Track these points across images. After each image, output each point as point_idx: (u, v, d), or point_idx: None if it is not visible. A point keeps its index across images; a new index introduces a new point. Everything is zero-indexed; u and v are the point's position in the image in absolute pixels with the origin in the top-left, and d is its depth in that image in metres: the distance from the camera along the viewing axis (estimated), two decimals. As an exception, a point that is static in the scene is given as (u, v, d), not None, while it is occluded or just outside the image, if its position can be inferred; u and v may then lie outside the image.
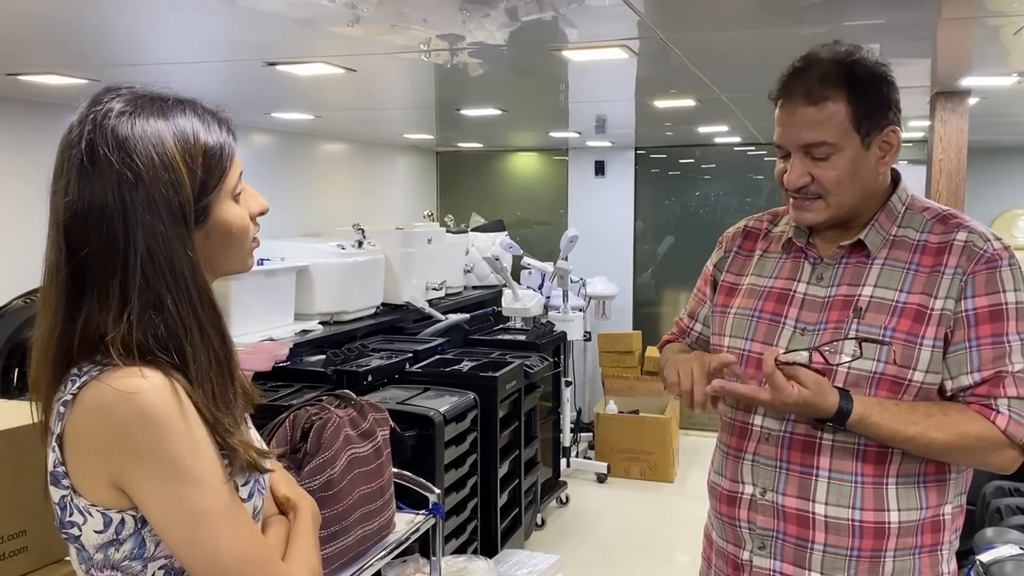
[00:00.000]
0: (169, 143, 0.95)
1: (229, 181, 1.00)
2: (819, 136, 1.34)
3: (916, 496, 1.36)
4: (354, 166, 5.82)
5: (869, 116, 1.34)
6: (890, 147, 1.38)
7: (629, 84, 3.39)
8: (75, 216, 0.93)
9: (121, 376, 0.91)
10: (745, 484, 1.45)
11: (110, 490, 0.93)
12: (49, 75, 2.91)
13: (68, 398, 0.94)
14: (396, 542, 1.96)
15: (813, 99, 1.34)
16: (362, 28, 2.25)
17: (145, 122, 0.95)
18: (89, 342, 0.94)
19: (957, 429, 1.30)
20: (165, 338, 0.94)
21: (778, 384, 1.29)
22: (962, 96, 3.53)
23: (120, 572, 0.96)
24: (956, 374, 1.33)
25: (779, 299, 1.46)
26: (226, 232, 1.00)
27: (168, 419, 0.91)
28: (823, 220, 1.40)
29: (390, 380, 3.53)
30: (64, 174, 0.95)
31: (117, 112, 0.95)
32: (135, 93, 0.98)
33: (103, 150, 0.93)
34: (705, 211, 6.55)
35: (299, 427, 1.83)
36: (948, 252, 1.35)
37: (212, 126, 0.99)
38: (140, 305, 0.93)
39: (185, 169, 0.95)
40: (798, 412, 1.35)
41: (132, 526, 0.95)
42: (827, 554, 1.37)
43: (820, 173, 1.36)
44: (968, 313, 1.32)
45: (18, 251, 3.27)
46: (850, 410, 1.30)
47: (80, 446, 0.93)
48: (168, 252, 0.94)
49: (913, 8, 2.15)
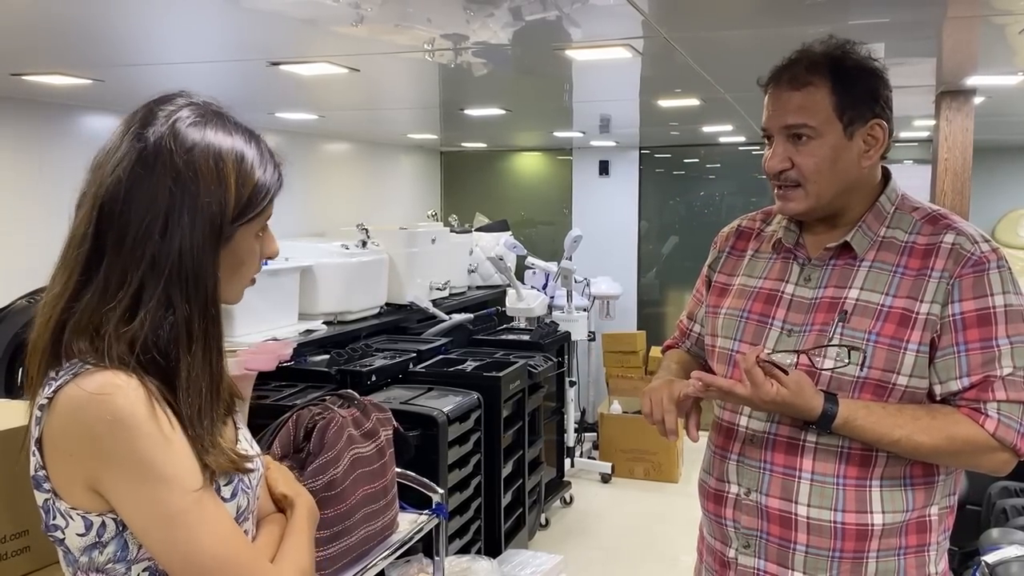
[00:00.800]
0: (229, 162, 0.98)
1: (261, 219, 1.03)
2: (800, 119, 1.35)
3: (902, 498, 1.36)
4: (358, 166, 5.82)
5: (853, 106, 1.35)
6: (875, 141, 1.38)
7: (633, 84, 3.39)
8: (115, 196, 0.95)
9: (93, 379, 0.91)
10: (731, 484, 1.45)
11: (88, 493, 0.93)
12: (53, 75, 2.91)
13: (44, 402, 0.94)
14: (399, 542, 1.96)
15: (797, 84, 1.36)
16: (366, 28, 2.25)
17: (213, 135, 0.98)
18: (83, 325, 0.94)
19: (944, 433, 1.30)
20: (167, 343, 0.94)
21: (756, 380, 1.29)
22: (967, 95, 3.52)
23: (104, 574, 0.96)
24: (945, 379, 1.32)
25: (767, 300, 1.46)
26: (238, 263, 1.02)
27: (138, 421, 0.91)
28: (804, 210, 1.40)
29: (394, 380, 3.53)
30: (119, 154, 0.96)
31: (190, 120, 0.98)
32: (206, 105, 1.01)
33: (170, 144, 0.95)
34: (710, 211, 6.54)
35: (302, 427, 1.83)
36: (935, 255, 1.34)
37: (268, 165, 1.03)
38: (155, 305, 0.94)
39: (235, 188, 0.98)
40: (778, 411, 1.35)
41: (113, 529, 0.95)
42: (809, 554, 1.37)
43: (800, 159, 1.37)
44: (955, 318, 1.31)
45: (22, 250, 3.28)
46: (835, 413, 1.30)
47: (57, 450, 0.94)
48: (197, 261, 0.96)
49: (918, 6, 2.14)
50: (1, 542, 1.53)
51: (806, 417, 1.32)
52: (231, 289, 1.05)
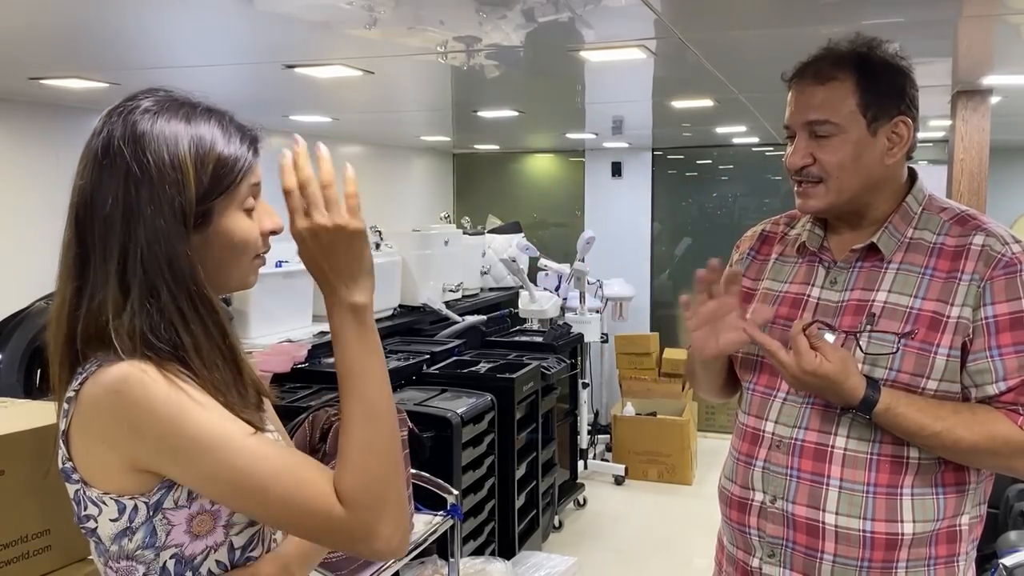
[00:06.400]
0: (183, 145, 0.97)
1: (239, 193, 1.01)
2: (823, 114, 1.33)
3: (933, 506, 1.33)
4: (371, 168, 5.84)
5: (878, 103, 1.33)
6: (899, 139, 1.36)
7: (646, 84, 3.38)
8: (84, 201, 0.97)
9: (117, 368, 0.93)
10: (755, 491, 1.42)
11: (126, 475, 0.94)
12: (71, 79, 2.94)
13: (71, 395, 0.96)
14: (414, 543, 1.96)
15: (822, 78, 1.35)
16: (379, 31, 2.26)
17: (166, 123, 0.98)
18: (91, 329, 0.96)
19: (985, 429, 1.28)
20: (162, 328, 0.95)
21: (800, 348, 1.26)
22: (984, 95, 3.49)
23: (134, 562, 0.97)
24: (980, 383, 1.31)
25: (793, 304, 1.45)
26: (228, 241, 1.01)
27: (167, 394, 0.91)
28: (824, 206, 1.38)
29: (407, 382, 3.54)
30: (82, 159, 0.99)
31: (143, 109, 0.98)
32: (168, 96, 1.01)
33: (119, 142, 0.96)
34: (723, 212, 6.52)
35: (318, 428, 1.84)
36: (965, 257, 1.32)
37: (233, 138, 1.01)
38: (139, 294, 0.95)
39: (193, 172, 0.97)
40: (818, 388, 1.30)
41: (144, 513, 0.96)
42: (837, 564, 1.34)
43: (822, 155, 1.35)
44: (988, 321, 1.29)
45: (40, 253, 3.30)
46: (877, 399, 1.27)
47: (86, 438, 0.95)
48: (167, 248, 0.96)
49: (933, 6, 2.13)
50: (24, 541, 1.55)
51: (846, 399, 1.29)
52: (233, 271, 1.04)
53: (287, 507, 0.93)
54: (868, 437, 1.33)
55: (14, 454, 1.52)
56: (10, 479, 1.52)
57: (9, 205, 3.31)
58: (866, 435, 1.33)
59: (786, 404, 1.41)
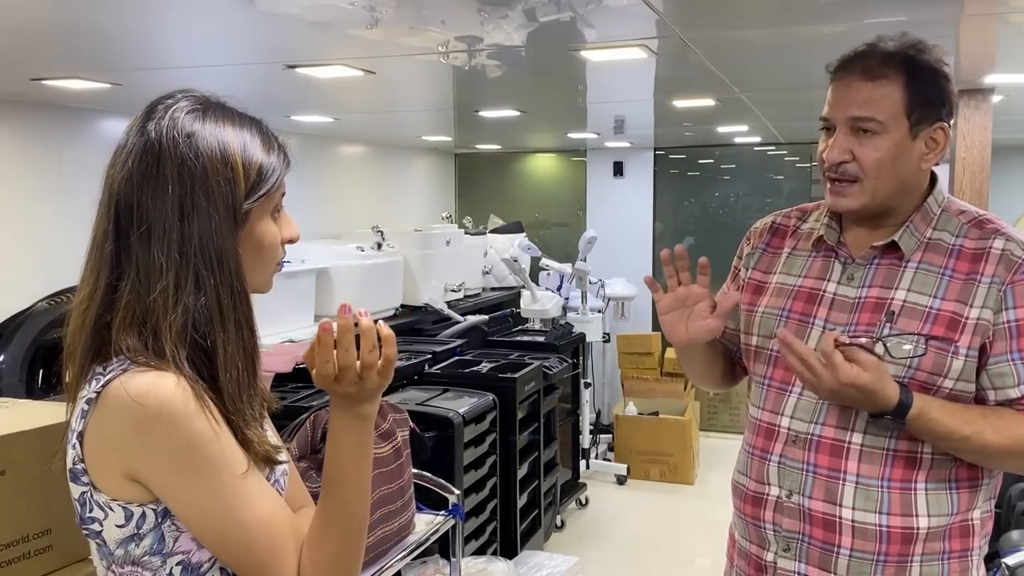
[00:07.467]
0: (234, 146, 1.00)
1: (273, 198, 1.05)
2: (869, 112, 1.32)
3: (947, 500, 1.34)
4: (373, 168, 5.84)
5: (923, 106, 1.33)
6: (936, 144, 1.36)
7: (648, 84, 3.38)
8: (130, 193, 0.98)
9: (144, 377, 0.93)
10: (771, 486, 1.42)
11: (128, 484, 0.95)
12: (73, 79, 2.94)
13: (92, 396, 0.96)
14: (416, 543, 1.96)
15: (871, 75, 1.33)
16: (381, 31, 2.26)
17: (215, 123, 1.01)
18: (129, 320, 0.97)
19: (1013, 432, 1.28)
20: (204, 323, 0.97)
21: (836, 363, 1.25)
22: (985, 94, 3.49)
23: (140, 568, 0.97)
24: (1000, 386, 1.31)
25: (808, 299, 1.44)
26: (258, 244, 1.04)
27: (190, 416, 0.93)
28: (858, 207, 1.36)
29: (409, 381, 3.54)
30: (126, 151, 0.99)
31: (188, 109, 1.00)
32: (205, 97, 1.03)
33: (169, 138, 0.98)
34: (725, 212, 6.51)
35: (319, 428, 1.84)
36: (985, 260, 1.32)
37: (272, 148, 1.05)
38: (191, 288, 0.96)
39: (243, 172, 1.00)
40: (852, 399, 1.30)
41: (153, 520, 0.96)
42: (853, 558, 1.35)
43: (862, 152, 1.33)
44: (1010, 324, 1.30)
45: (42, 254, 3.31)
46: (910, 404, 1.27)
47: (102, 443, 0.95)
48: (219, 242, 0.98)
49: (934, 5, 2.12)
50: (25, 541, 1.55)
51: (880, 406, 1.28)
52: (257, 274, 1.06)
53: (248, 555, 0.96)
54: (884, 433, 1.34)
55: (15, 454, 1.52)
56: (11, 479, 1.52)
57: (11, 206, 3.32)
58: (882, 431, 1.34)
59: (802, 399, 1.41)
